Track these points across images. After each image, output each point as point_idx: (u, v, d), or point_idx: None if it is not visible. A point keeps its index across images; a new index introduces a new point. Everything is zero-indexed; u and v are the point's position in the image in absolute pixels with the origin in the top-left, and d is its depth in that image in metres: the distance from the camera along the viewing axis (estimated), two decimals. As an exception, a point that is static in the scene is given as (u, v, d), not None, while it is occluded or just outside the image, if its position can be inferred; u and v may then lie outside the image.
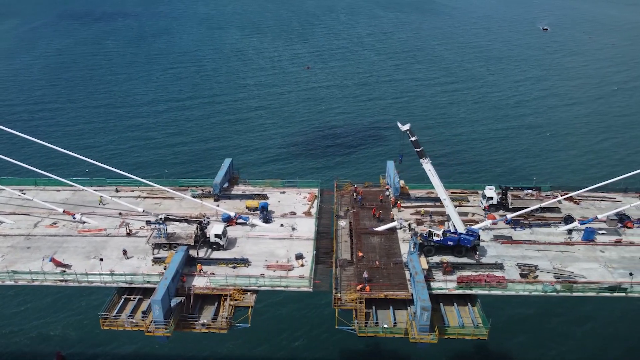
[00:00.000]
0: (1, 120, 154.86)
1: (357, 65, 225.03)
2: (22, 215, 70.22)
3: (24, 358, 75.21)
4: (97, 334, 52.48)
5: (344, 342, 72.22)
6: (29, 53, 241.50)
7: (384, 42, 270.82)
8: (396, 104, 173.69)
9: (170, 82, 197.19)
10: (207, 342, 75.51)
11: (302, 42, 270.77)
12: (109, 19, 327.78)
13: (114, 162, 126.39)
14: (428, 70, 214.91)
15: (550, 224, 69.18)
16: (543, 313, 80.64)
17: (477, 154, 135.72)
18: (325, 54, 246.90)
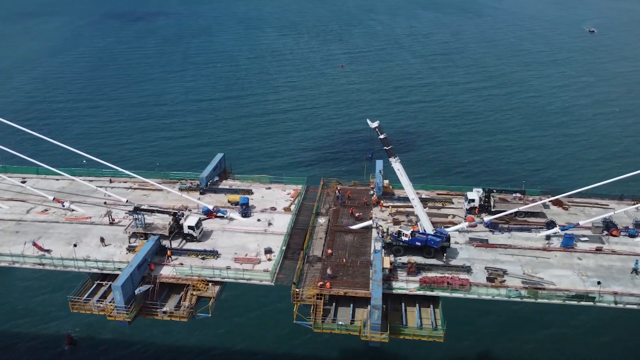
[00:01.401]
0: (32, 112, 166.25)
1: (392, 67, 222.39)
2: (19, 202, 74.39)
3: (34, 340, 79.01)
4: (106, 319, 55.84)
5: (302, 336, 73.11)
6: (73, 50, 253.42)
7: (422, 43, 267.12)
8: (427, 108, 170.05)
9: (204, 81, 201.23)
10: (190, 331, 78.05)
11: (339, 43, 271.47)
12: (150, 18, 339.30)
13: (131, 154, 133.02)
14: (466, 74, 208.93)
15: (531, 229, 67.31)
16: (512, 319, 79.67)
17: (507, 160, 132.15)
18: (361, 54, 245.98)
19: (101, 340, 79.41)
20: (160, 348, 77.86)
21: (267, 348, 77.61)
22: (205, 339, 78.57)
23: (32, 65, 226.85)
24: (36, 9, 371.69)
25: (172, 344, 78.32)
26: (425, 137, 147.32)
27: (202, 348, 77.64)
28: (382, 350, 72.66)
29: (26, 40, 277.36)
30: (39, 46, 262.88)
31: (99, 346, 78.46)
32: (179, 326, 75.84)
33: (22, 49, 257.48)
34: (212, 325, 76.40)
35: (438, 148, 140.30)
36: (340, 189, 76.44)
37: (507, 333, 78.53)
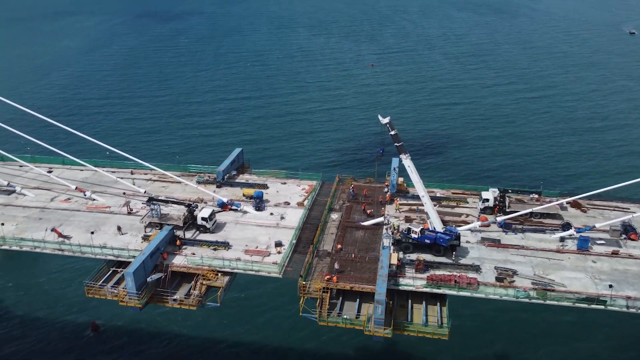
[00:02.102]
0: (65, 106, 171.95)
1: (422, 67, 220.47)
2: (44, 190, 77.36)
3: (60, 327, 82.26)
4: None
5: (307, 329, 73.82)
6: (107, 48, 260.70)
7: (454, 44, 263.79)
8: (455, 110, 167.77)
9: (233, 80, 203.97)
10: (200, 320, 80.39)
11: (369, 43, 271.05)
12: (184, 17, 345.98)
13: (154, 148, 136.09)
14: (497, 76, 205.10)
15: (546, 230, 66.17)
16: (521, 321, 78.97)
17: (533, 163, 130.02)
18: (391, 54, 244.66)
19: (123, 328, 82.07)
20: (176, 335, 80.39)
21: (273, 339, 79.05)
22: (214, 328, 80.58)
23: (68, 62, 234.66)
24: (74, 8, 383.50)
25: (187, 333, 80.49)
26: (451, 139, 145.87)
27: (209, 337, 79.83)
28: (386, 346, 73.51)
29: (63, 38, 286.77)
30: (75, 44, 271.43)
31: (121, 334, 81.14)
32: (199, 316, 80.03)
33: (59, 46, 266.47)
34: (220, 314, 78.48)
35: (463, 149, 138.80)
36: (354, 186, 76.67)
37: (514, 334, 78.01)
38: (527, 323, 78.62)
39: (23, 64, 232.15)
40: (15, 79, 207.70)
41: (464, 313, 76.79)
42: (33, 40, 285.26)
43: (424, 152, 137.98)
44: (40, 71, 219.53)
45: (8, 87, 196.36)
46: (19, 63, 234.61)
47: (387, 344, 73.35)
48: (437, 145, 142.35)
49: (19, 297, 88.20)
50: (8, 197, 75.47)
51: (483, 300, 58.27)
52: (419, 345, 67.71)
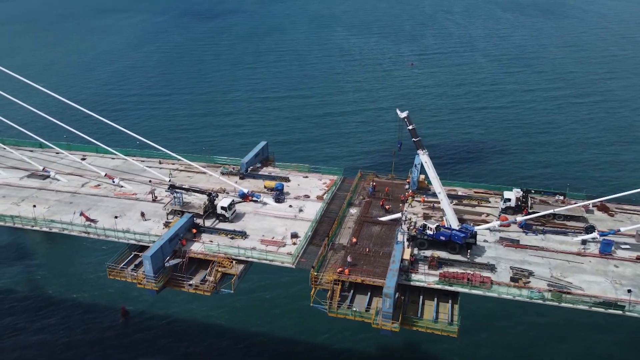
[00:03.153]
0: (106, 99, 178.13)
1: (463, 69, 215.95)
2: (76, 177, 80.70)
3: (90, 311, 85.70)
4: (159, 294, 61.18)
5: (317, 319, 73.22)
6: (150, 45, 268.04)
7: (498, 46, 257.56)
8: (494, 113, 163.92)
9: (270, 78, 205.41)
10: (215, 306, 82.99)
11: (410, 43, 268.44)
12: (226, 16, 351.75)
13: (186, 140, 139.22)
14: (542, 79, 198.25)
15: (568, 233, 64.46)
16: (535, 323, 78.08)
17: (574, 168, 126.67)
18: (432, 55, 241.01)
19: (152, 314, 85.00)
20: (198, 322, 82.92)
21: (283, 328, 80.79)
22: (226, 314, 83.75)
23: (112, 57, 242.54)
24: (120, 6, 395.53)
25: (208, 319, 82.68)
26: (487, 141, 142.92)
27: (222, 323, 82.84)
28: (395, 340, 73.63)
29: (109, 35, 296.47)
30: (120, 40, 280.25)
31: (149, 319, 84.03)
32: (223, 304, 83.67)
33: (105, 42, 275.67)
34: (234, 301, 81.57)
35: (499, 152, 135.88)
36: (376, 183, 76.67)
37: (527, 337, 77.10)
38: (541, 326, 77.59)
39: (71, 59, 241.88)
40: (63, 73, 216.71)
41: (478, 313, 75.83)
42: (81, 36, 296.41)
43: (459, 152, 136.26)
44: (87, 66, 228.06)
45: (56, 80, 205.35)
46: (67, 58, 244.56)
47: (396, 338, 73.26)
48: (472, 147, 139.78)
49: (58, 281, 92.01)
50: (43, 181, 79.19)
51: (498, 301, 57.53)
52: (429, 341, 67.36)
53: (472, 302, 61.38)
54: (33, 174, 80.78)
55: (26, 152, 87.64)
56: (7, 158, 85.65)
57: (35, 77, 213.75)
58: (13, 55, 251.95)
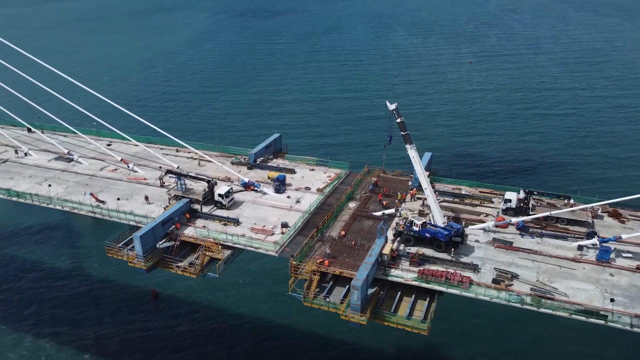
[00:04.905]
0: (157, 95, 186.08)
1: (524, 72, 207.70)
2: (98, 161, 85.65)
3: (121, 294, 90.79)
4: (188, 278, 65.21)
5: (294, 308, 74.94)
6: (209, 42, 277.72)
7: (566, 48, 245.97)
8: (552, 120, 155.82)
9: (323, 77, 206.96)
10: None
11: (471, 43, 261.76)
12: (285, 14, 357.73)
13: (223, 133, 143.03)
14: (611, 85, 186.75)
15: (568, 237, 61.08)
16: (515, 328, 76.79)
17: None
18: (493, 57, 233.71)
19: (180, 297, 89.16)
20: (212, 305, 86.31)
21: (261, 312, 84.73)
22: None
23: (171, 55, 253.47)
24: (185, 4, 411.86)
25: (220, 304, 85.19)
26: (540, 147, 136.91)
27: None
28: (367, 334, 74.67)
29: (171, 33, 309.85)
30: (182, 37, 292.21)
31: (178, 302, 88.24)
32: (245, 292, 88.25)
33: (167, 40, 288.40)
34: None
35: (552, 162, 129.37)
36: (377, 179, 76.00)
37: (504, 341, 76.27)
38: (520, 333, 76.06)
39: (134, 55, 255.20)
40: (125, 69, 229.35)
41: (460, 314, 75.73)
42: (146, 33, 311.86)
43: (507, 158, 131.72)
44: (148, 62, 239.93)
45: (118, 75, 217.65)
46: (131, 54, 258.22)
47: (369, 332, 74.19)
48: (523, 153, 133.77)
49: (97, 262, 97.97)
50: (67, 164, 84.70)
51: (482, 304, 55.59)
52: (402, 338, 66.07)
53: (455, 302, 59.45)
54: (60, 156, 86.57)
55: (60, 137, 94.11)
56: (41, 142, 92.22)
57: (100, 71, 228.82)
58: (81, 50, 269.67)
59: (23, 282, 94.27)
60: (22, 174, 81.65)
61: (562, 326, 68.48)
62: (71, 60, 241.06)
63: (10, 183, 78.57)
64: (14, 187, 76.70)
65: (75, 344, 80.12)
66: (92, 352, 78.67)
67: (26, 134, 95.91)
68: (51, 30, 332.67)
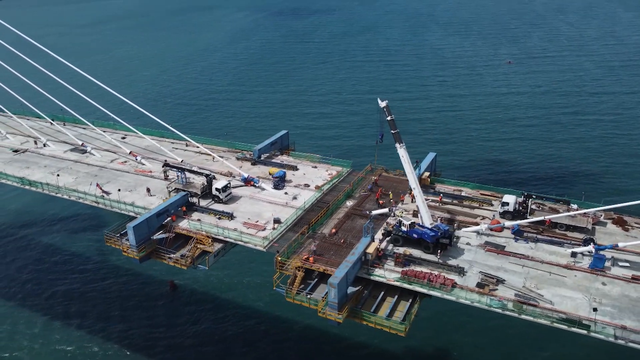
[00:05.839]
0: (189, 91, 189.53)
1: (566, 74, 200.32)
2: (110, 153, 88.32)
3: (140, 284, 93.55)
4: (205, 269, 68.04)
5: (279, 303, 74.48)
6: (245, 41, 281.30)
7: (612, 50, 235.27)
8: (594, 124, 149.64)
9: (355, 77, 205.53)
10: None
11: (511, 44, 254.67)
12: (322, 13, 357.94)
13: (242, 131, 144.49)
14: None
15: (563, 244, 58.80)
16: (499, 335, 75.41)
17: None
18: (534, 58, 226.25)
19: (197, 289, 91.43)
20: (230, 303, 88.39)
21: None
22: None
23: (207, 53, 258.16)
24: (223, 3, 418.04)
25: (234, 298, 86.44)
26: (571, 154, 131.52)
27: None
28: (347, 332, 75.66)
29: (209, 31, 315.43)
30: (218, 36, 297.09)
31: (195, 293, 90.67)
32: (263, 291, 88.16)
33: (204, 38, 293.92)
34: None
35: (588, 169, 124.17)
36: (377, 178, 75.29)
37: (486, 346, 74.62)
38: (510, 338, 74.30)
39: (172, 53, 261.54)
40: (161, 66, 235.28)
41: (442, 317, 74.97)
42: (185, 31, 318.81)
43: (536, 162, 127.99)
44: (185, 59, 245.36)
45: (154, 72, 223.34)
46: (169, 51, 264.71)
47: (349, 331, 74.88)
48: (555, 159, 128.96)
49: (115, 256, 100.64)
50: (81, 155, 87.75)
51: (476, 309, 53.96)
52: (384, 337, 64.95)
53: (448, 307, 58.24)
54: (75, 148, 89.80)
55: (80, 129, 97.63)
56: (61, 133, 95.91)
57: (138, 67, 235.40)
58: (121, 47, 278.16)
59: (49, 268, 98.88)
60: (38, 164, 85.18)
61: (550, 334, 65.62)
62: (109, 58, 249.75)
63: (26, 172, 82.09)
64: (28, 176, 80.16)
65: (91, 327, 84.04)
66: (107, 338, 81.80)
67: (49, 126, 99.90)
68: (92, 28, 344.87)
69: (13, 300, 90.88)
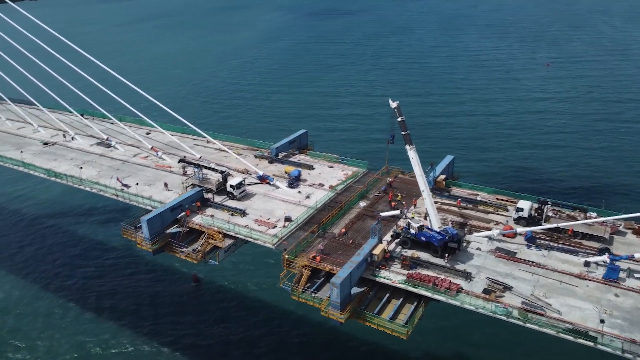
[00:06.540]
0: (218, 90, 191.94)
1: (606, 78, 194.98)
2: (133, 147, 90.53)
3: (164, 276, 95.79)
4: (224, 264, 68.74)
5: (285, 300, 75.67)
6: (278, 40, 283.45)
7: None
8: (629, 130, 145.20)
9: (387, 79, 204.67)
10: None
11: (550, 47, 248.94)
12: (356, 14, 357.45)
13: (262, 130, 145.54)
14: None
15: (578, 252, 56.99)
16: (504, 343, 73.65)
17: None
18: (574, 62, 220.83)
19: (220, 283, 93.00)
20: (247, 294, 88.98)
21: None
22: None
23: (239, 52, 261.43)
24: (260, 2, 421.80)
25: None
26: (606, 165, 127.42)
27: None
28: (350, 332, 75.45)
29: (241, 31, 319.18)
30: (252, 36, 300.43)
31: (218, 287, 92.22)
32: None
33: (237, 38, 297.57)
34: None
35: (617, 178, 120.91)
36: (392, 180, 74.72)
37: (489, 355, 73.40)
38: (513, 347, 72.69)
39: (204, 51, 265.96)
40: (195, 63, 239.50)
41: (447, 322, 73.79)
42: (220, 30, 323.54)
43: (562, 169, 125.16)
44: (218, 57, 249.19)
45: (187, 69, 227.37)
46: (202, 50, 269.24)
47: (353, 331, 74.85)
48: (590, 169, 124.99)
49: None
50: (106, 149, 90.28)
51: (484, 316, 52.91)
52: (384, 339, 64.53)
53: (456, 312, 57.04)
54: (101, 142, 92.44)
55: (107, 124, 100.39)
56: (88, 127, 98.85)
57: (170, 65, 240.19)
58: (156, 46, 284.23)
59: (75, 255, 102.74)
60: (65, 157, 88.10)
61: (556, 345, 63.59)
62: (143, 56, 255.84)
63: (53, 164, 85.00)
64: (54, 168, 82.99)
65: (120, 315, 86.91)
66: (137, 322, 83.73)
67: (78, 120, 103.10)
68: (129, 26, 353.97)
69: (39, 284, 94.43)
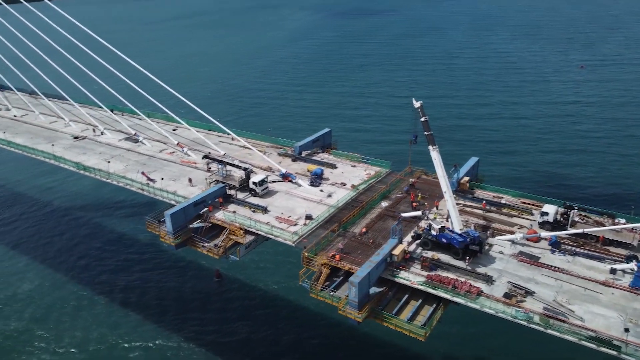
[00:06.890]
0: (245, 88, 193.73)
1: None
2: (160, 143, 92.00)
3: (188, 271, 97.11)
4: (246, 260, 69.47)
5: (304, 297, 75.13)
6: (305, 40, 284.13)
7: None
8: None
9: (414, 80, 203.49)
10: None
11: (584, 49, 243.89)
12: (385, 14, 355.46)
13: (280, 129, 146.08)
14: None
15: (605, 259, 55.56)
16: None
17: None
18: (608, 64, 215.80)
19: (241, 279, 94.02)
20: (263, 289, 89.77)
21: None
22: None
23: (267, 51, 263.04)
24: (287, 1, 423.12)
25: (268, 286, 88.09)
26: None
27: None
28: (368, 332, 75.01)
29: (270, 30, 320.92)
30: (280, 35, 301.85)
31: (239, 283, 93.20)
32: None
33: (266, 37, 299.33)
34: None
35: None
36: (415, 181, 74.15)
37: None
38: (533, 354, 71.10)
39: (234, 50, 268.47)
40: (223, 62, 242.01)
41: (468, 326, 72.73)
42: (249, 28, 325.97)
43: (593, 174, 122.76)
44: (245, 57, 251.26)
45: (215, 68, 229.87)
46: (231, 49, 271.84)
47: (371, 331, 74.46)
48: (618, 173, 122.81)
49: None
50: (133, 144, 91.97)
51: (505, 320, 52.11)
52: (402, 340, 63.76)
53: (476, 316, 56.36)
54: (129, 137, 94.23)
55: (136, 119, 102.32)
56: (117, 122, 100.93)
57: (201, 62, 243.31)
58: (188, 43, 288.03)
59: (100, 248, 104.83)
60: (94, 151, 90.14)
61: (577, 353, 62.27)
62: (173, 54, 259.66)
63: (82, 157, 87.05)
64: (83, 162, 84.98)
65: (140, 307, 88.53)
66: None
67: (108, 115, 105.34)
68: (161, 24, 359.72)
69: (68, 275, 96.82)
